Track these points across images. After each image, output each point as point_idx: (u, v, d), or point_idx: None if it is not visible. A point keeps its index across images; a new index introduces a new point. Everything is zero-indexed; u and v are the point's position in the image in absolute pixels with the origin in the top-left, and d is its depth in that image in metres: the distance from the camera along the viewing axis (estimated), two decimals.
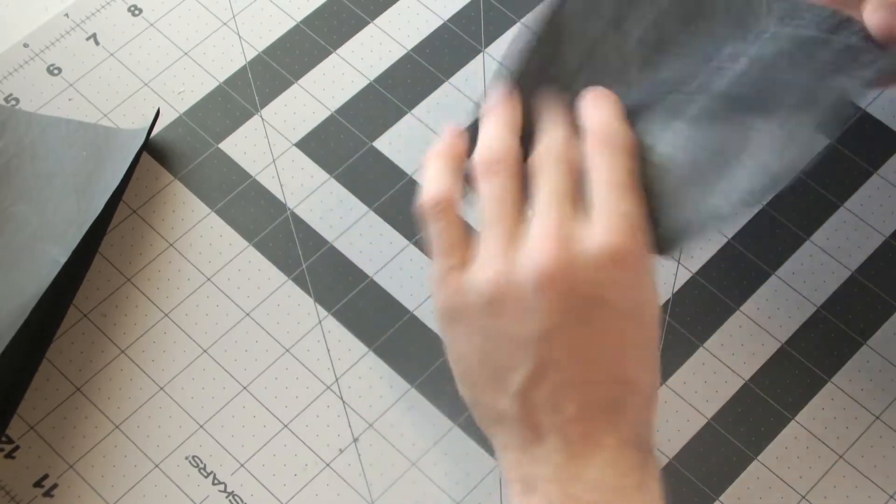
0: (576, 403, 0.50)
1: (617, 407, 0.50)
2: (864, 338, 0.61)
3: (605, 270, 0.49)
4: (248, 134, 0.67)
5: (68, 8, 0.70)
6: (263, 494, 0.58)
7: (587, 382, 0.50)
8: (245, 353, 0.61)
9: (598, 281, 0.49)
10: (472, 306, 0.51)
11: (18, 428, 0.60)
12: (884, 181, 0.65)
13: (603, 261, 0.49)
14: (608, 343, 0.50)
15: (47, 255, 0.61)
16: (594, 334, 0.50)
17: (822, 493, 0.58)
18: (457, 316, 0.52)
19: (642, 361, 0.51)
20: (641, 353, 0.51)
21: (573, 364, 0.50)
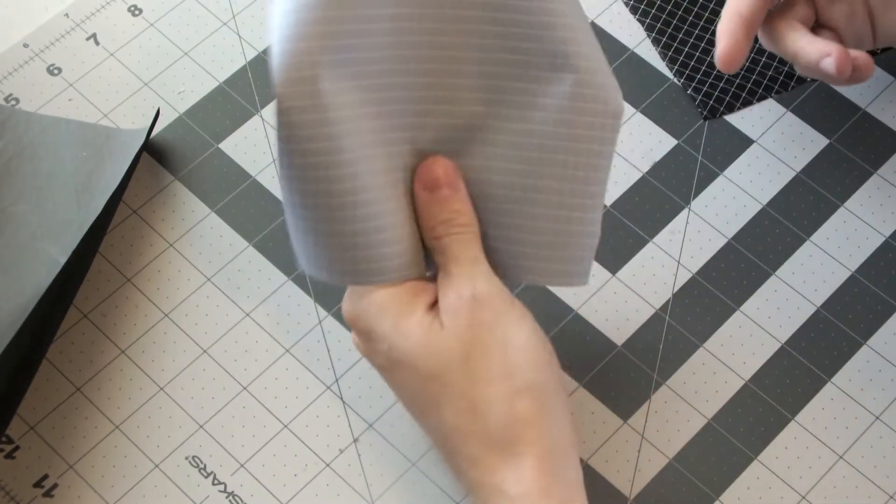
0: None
1: (446, 452, 0.52)
2: (864, 338, 0.61)
3: (360, 344, 0.54)
4: (248, 134, 0.67)
5: (68, 8, 0.70)
6: (263, 494, 0.58)
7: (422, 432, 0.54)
8: (245, 354, 0.61)
9: (364, 354, 0.55)
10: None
11: (18, 428, 0.60)
12: (884, 181, 0.65)
13: (356, 336, 0.54)
14: (402, 398, 0.54)
15: (47, 255, 0.61)
16: (397, 380, 0.53)
17: (822, 493, 0.58)
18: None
19: (431, 403, 0.51)
20: (425, 397, 0.51)
21: (402, 401, 0.55)
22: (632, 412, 0.60)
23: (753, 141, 0.66)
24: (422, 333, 0.50)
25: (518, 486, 0.49)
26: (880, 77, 0.67)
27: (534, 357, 0.50)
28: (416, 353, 0.50)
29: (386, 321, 0.51)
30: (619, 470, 0.58)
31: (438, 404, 0.50)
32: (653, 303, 0.62)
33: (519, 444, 0.49)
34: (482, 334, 0.50)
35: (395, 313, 0.51)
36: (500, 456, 0.49)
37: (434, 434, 0.52)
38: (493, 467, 0.49)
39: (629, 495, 0.58)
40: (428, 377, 0.50)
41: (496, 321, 0.50)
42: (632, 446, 0.59)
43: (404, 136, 0.52)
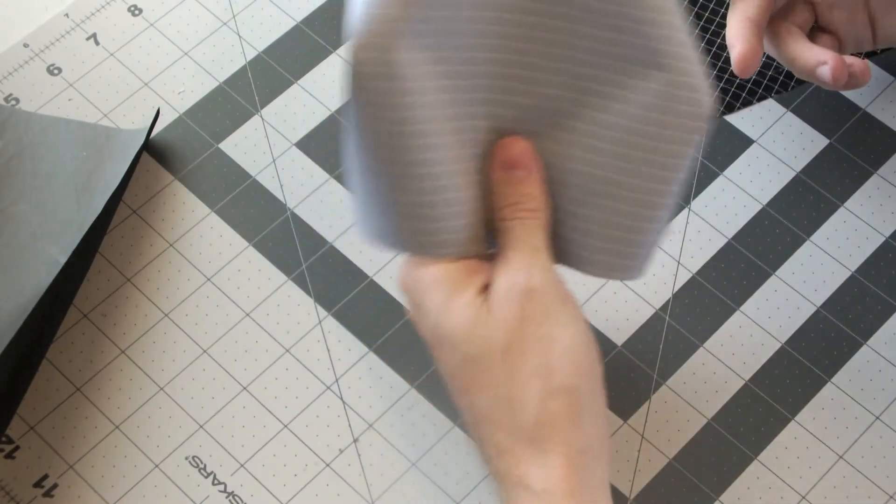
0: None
1: (475, 435, 0.51)
2: (864, 338, 0.61)
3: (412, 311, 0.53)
4: (248, 134, 0.67)
5: (68, 8, 0.70)
6: (263, 494, 0.58)
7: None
8: (245, 354, 0.61)
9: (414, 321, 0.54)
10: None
11: (18, 428, 0.60)
12: (884, 181, 0.65)
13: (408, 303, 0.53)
14: (442, 373, 0.52)
15: (47, 255, 0.61)
16: (440, 356, 0.52)
17: (822, 493, 0.58)
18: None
19: (467, 386, 0.50)
20: (463, 378, 0.51)
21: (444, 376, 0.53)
22: (632, 412, 0.60)
23: (753, 141, 0.66)
24: (469, 315, 0.50)
25: (543, 481, 0.48)
26: (880, 77, 0.67)
27: (576, 359, 0.50)
28: (459, 334, 0.50)
29: (436, 296, 0.50)
30: (619, 470, 0.58)
31: (474, 388, 0.50)
32: (653, 303, 0.62)
33: (548, 443, 0.49)
34: (528, 328, 0.49)
35: (446, 290, 0.50)
36: (528, 450, 0.49)
37: (467, 415, 0.51)
38: (520, 460, 0.49)
39: (629, 495, 0.58)
40: (467, 360, 0.50)
41: (545, 317, 0.49)
42: (632, 446, 0.59)
43: (483, 111, 0.51)
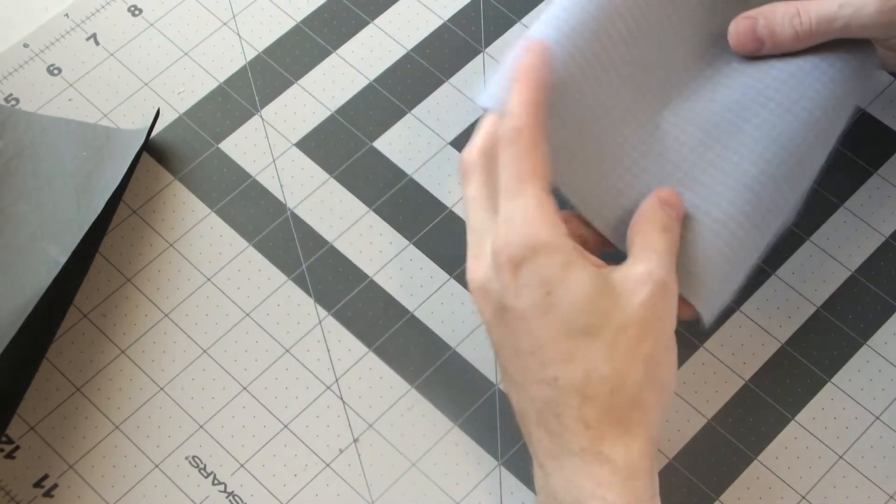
0: (520, 409, 0.52)
1: (550, 410, 0.51)
2: (864, 338, 0.61)
3: (501, 277, 0.51)
4: (248, 134, 0.67)
5: (68, 8, 0.70)
6: (263, 494, 0.58)
7: (518, 386, 0.52)
8: (245, 354, 0.61)
9: (498, 289, 0.51)
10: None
11: (18, 428, 0.60)
12: (884, 181, 0.65)
13: (496, 269, 0.51)
14: (521, 345, 0.51)
15: (47, 255, 0.61)
16: (510, 337, 0.52)
17: (822, 493, 0.58)
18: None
19: (564, 355, 0.50)
20: (560, 347, 0.50)
21: (509, 369, 0.52)
22: None
23: None
24: (593, 286, 0.50)
25: (626, 458, 0.50)
26: (880, 77, 0.67)
27: (674, 359, 0.52)
28: (579, 301, 0.50)
29: (555, 262, 0.50)
30: None
31: (573, 361, 0.50)
32: None
33: (635, 426, 0.50)
34: (650, 315, 0.51)
35: (566, 259, 0.50)
36: (615, 429, 0.50)
37: (544, 390, 0.51)
38: (604, 436, 0.50)
39: None
40: (577, 331, 0.50)
41: (665, 311, 0.52)
42: None
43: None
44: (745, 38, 0.58)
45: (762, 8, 0.58)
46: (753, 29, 0.58)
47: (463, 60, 0.68)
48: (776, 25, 0.57)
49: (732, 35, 0.58)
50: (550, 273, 0.50)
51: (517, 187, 0.51)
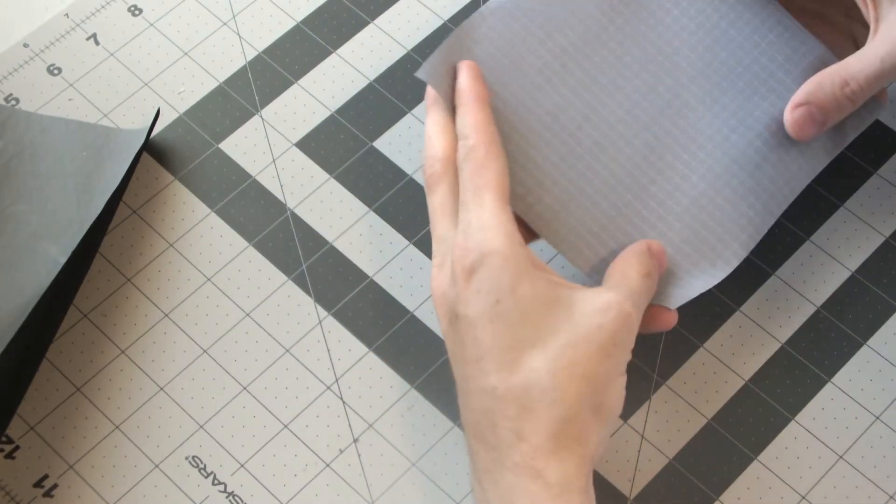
0: (466, 418, 0.52)
1: (487, 421, 0.50)
2: (864, 338, 0.61)
3: (456, 284, 0.52)
4: (248, 134, 0.67)
5: (68, 8, 0.70)
6: (263, 494, 0.58)
7: (463, 394, 0.52)
8: (245, 354, 0.61)
9: (453, 296, 0.52)
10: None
11: (18, 428, 0.60)
12: (884, 181, 0.65)
13: (454, 276, 0.52)
14: (468, 353, 0.51)
15: (47, 255, 0.61)
16: (458, 345, 0.52)
17: (822, 493, 0.58)
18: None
19: (505, 365, 0.50)
20: (502, 357, 0.50)
21: (457, 378, 0.53)
22: (632, 412, 0.60)
23: None
24: (542, 301, 0.51)
25: (560, 474, 0.49)
26: None
27: (622, 388, 0.52)
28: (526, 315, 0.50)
29: (506, 270, 0.51)
30: (619, 470, 0.58)
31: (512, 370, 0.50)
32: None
33: (573, 443, 0.50)
34: (605, 342, 0.51)
35: (519, 268, 0.51)
36: (550, 443, 0.49)
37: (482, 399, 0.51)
38: (538, 451, 0.49)
39: (629, 495, 0.58)
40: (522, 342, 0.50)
41: (623, 344, 0.52)
42: (632, 446, 0.59)
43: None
44: (806, 127, 0.58)
45: (806, 89, 0.58)
46: (813, 116, 0.58)
47: None
48: (830, 105, 0.57)
49: (792, 126, 0.58)
50: (501, 281, 0.51)
51: (474, 198, 0.52)
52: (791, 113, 0.58)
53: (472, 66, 0.56)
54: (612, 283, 0.53)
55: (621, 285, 0.53)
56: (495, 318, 0.50)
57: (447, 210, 0.54)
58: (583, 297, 0.51)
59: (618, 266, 0.54)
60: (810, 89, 0.57)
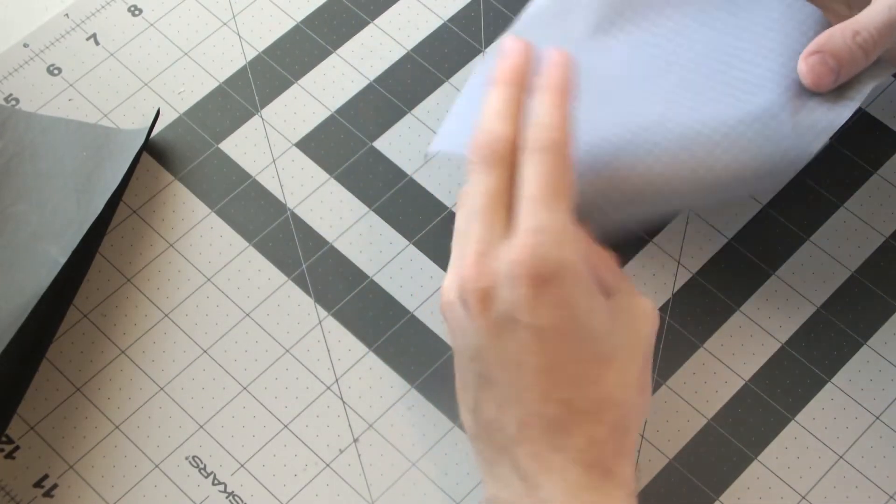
0: (515, 422, 0.50)
1: (558, 427, 0.50)
2: (864, 338, 0.61)
3: (518, 288, 0.49)
4: (248, 134, 0.67)
5: (68, 8, 0.70)
6: (263, 494, 0.58)
7: (519, 400, 0.50)
8: (245, 354, 0.61)
9: (511, 299, 0.49)
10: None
11: (18, 428, 0.60)
12: (884, 181, 0.65)
13: (514, 279, 0.49)
14: (532, 362, 0.50)
15: (47, 255, 0.61)
16: (518, 352, 0.50)
17: (822, 493, 0.58)
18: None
19: (579, 380, 0.50)
20: (576, 371, 0.50)
21: (505, 381, 0.50)
22: None
23: None
24: (609, 318, 0.51)
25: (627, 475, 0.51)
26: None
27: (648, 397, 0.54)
28: (598, 332, 0.50)
29: (580, 286, 0.49)
30: None
31: (586, 385, 0.50)
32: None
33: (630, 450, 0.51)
34: (649, 351, 0.53)
35: (589, 285, 0.50)
36: (615, 448, 0.50)
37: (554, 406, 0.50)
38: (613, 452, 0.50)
39: None
40: (594, 357, 0.50)
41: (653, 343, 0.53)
42: None
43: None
44: (821, 74, 0.57)
45: (818, 41, 0.57)
46: (826, 63, 0.57)
47: (463, 60, 0.68)
48: (842, 53, 0.57)
49: (806, 74, 0.57)
50: (574, 296, 0.49)
51: (553, 200, 0.49)
52: (805, 61, 0.57)
53: (568, 58, 0.53)
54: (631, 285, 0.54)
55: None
56: (568, 332, 0.49)
57: (500, 202, 0.50)
58: (628, 307, 0.52)
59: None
60: (822, 39, 0.57)
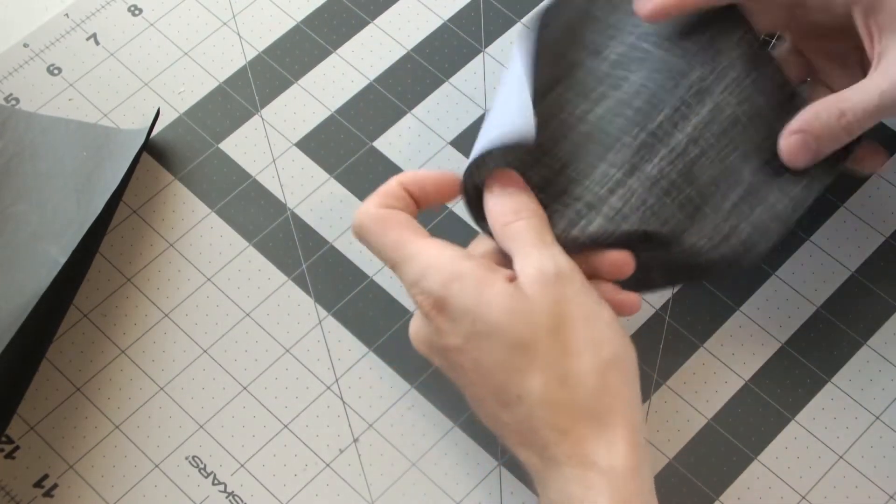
0: (504, 434, 0.52)
1: (526, 426, 0.51)
2: (864, 338, 0.61)
3: (433, 322, 0.52)
4: (248, 134, 0.67)
5: (68, 8, 0.70)
6: (263, 494, 0.58)
7: (491, 414, 0.52)
8: (245, 354, 0.61)
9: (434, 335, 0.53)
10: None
11: (18, 428, 0.60)
12: (884, 181, 0.65)
13: (427, 317, 0.52)
14: (474, 377, 0.52)
15: (47, 255, 0.61)
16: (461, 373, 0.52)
17: (822, 493, 0.58)
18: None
19: (517, 374, 0.51)
20: (510, 366, 0.51)
21: (474, 403, 0.53)
22: None
23: None
24: (509, 302, 0.50)
25: (608, 458, 0.50)
26: None
27: (618, 330, 0.52)
28: (503, 320, 0.50)
29: (467, 293, 0.51)
30: None
31: (525, 374, 0.50)
32: (653, 303, 0.62)
33: (610, 415, 0.50)
34: (568, 307, 0.51)
35: (476, 283, 0.51)
36: (590, 426, 0.50)
37: (512, 412, 0.51)
38: (584, 438, 0.50)
39: None
40: (516, 346, 0.50)
41: (579, 295, 0.51)
42: None
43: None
44: (799, 154, 0.57)
45: (803, 117, 0.57)
46: (806, 144, 0.57)
47: (463, 60, 0.68)
48: (824, 136, 0.57)
49: (785, 153, 0.58)
50: (468, 300, 0.51)
51: (398, 254, 0.53)
52: (786, 139, 0.57)
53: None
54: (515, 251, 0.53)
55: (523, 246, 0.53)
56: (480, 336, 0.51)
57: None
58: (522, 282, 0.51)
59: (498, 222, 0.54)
60: (807, 118, 0.57)
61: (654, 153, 0.56)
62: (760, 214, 0.57)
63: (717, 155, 0.58)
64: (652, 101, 0.57)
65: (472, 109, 0.67)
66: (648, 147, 0.56)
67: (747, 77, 0.59)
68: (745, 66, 0.59)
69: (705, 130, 0.57)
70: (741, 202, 0.57)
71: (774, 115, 0.59)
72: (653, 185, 0.56)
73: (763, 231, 0.57)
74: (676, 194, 0.56)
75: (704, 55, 0.59)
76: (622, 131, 0.57)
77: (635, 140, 0.56)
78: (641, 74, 0.58)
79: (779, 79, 0.59)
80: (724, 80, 0.58)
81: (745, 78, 0.59)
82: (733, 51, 0.59)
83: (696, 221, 0.57)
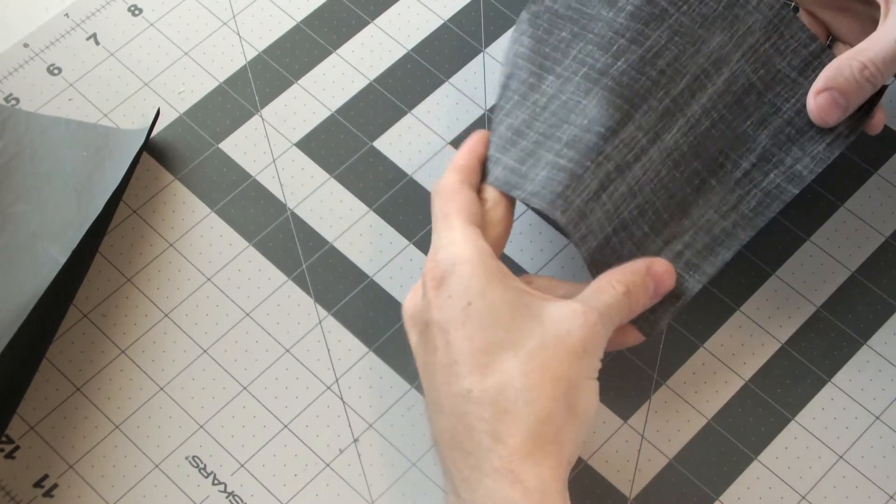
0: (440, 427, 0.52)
1: (463, 423, 0.50)
2: (864, 338, 0.61)
3: (427, 295, 0.53)
4: (248, 134, 0.67)
5: (68, 8, 0.70)
6: (263, 494, 0.58)
7: (436, 402, 0.52)
8: (245, 354, 0.61)
9: (424, 306, 0.53)
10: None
11: (18, 428, 0.60)
12: (884, 181, 0.65)
13: (425, 288, 0.53)
14: (441, 358, 0.52)
15: (47, 255, 0.61)
16: (431, 352, 0.52)
17: (822, 493, 0.58)
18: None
19: (480, 369, 0.51)
20: (478, 360, 0.51)
21: (428, 387, 0.53)
22: (632, 412, 0.60)
23: None
24: (512, 305, 0.52)
25: (538, 478, 0.49)
26: None
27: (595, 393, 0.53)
28: (496, 318, 0.51)
29: (473, 280, 0.52)
30: (619, 470, 0.58)
31: (486, 372, 0.50)
32: None
33: (549, 444, 0.50)
34: (575, 347, 0.51)
35: (488, 274, 0.52)
36: (527, 445, 0.49)
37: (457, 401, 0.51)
38: (516, 455, 0.49)
39: (629, 495, 0.58)
40: (494, 344, 0.51)
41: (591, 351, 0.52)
42: (632, 446, 0.59)
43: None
44: (831, 111, 0.58)
45: (826, 74, 0.58)
46: (835, 101, 0.58)
47: (463, 60, 0.68)
48: (850, 90, 0.58)
49: (815, 112, 0.58)
50: (470, 285, 0.51)
51: (442, 223, 0.54)
52: (815, 99, 0.58)
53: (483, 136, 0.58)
54: (582, 296, 0.54)
55: (591, 298, 0.53)
56: (467, 320, 0.51)
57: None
58: (552, 305, 0.52)
59: (602, 279, 0.54)
60: (830, 74, 0.58)
61: (674, 122, 0.57)
62: (775, 178, 0.58)
63: (728, 126, 0.58)
64: (674, 65, 0.58)
65: (472, 109, 0.67)
66: (670, 115, 0.57)
67: (767, 41, 0.59)
68: (764, 31, 0.59)
69: (718, 101, 0.58)
70: (753, 169, 0.58)
71: (797, 73, 0.59)
72: (667, 156, 0.56)
73: (775, 196, 0.58)
74: (685, 167, 0.57)
75: (723, 21, 0.59)
76: (648, 92, 0.57)
77: (660, 104, 0.57)
78: (662, 34, 0.58)
79: (803, 37, 0.60)
80: (741, 48, 0.59)
81: (764, 42, 0.59)
82: (750, 16, 0.59)
83: (703, 194, 0.57)
